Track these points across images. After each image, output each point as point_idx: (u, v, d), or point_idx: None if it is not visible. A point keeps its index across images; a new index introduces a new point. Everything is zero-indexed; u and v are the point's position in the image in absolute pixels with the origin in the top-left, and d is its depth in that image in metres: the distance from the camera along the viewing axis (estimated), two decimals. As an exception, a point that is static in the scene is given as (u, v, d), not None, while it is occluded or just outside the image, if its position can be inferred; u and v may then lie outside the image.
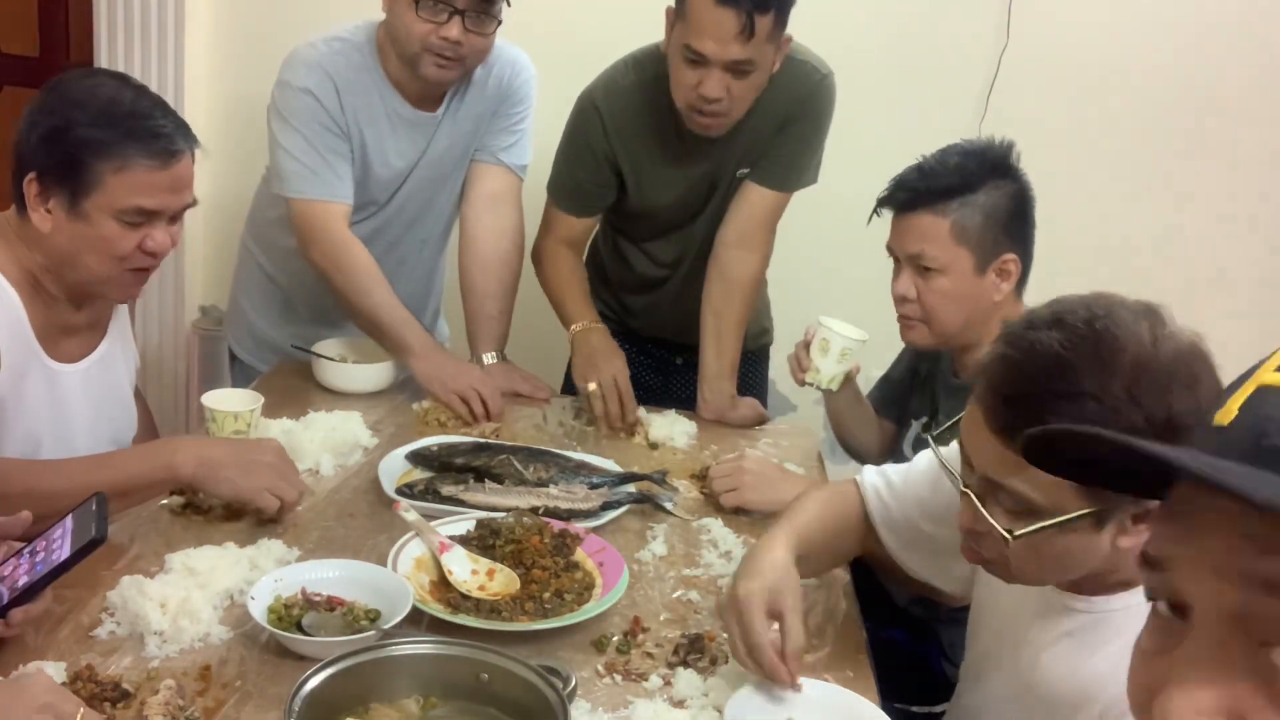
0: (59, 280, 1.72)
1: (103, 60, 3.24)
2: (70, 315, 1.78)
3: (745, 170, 2.38)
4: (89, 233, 1.66)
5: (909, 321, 2.02)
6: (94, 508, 1.40)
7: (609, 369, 2.30)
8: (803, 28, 2.22)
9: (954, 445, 1.44)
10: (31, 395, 1.72)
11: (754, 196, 2.40)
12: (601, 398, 2.28)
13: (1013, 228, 1.94)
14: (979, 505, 1.28)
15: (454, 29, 2.17)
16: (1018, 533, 1.24)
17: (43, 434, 1.74)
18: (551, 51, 2.50)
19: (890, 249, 2.03)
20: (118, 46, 3.22)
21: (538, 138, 2.50)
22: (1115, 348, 1.17)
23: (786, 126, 2.34)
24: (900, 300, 2.01)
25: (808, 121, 2.35)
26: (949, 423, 1.47)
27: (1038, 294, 2.07)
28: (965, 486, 1.31)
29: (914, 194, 1.95)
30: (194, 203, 1.76)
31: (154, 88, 3.15)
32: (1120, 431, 0.98)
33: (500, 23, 2.25)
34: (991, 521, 1.26)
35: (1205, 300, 3.25)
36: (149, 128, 1.65)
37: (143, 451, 1.77)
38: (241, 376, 2.45)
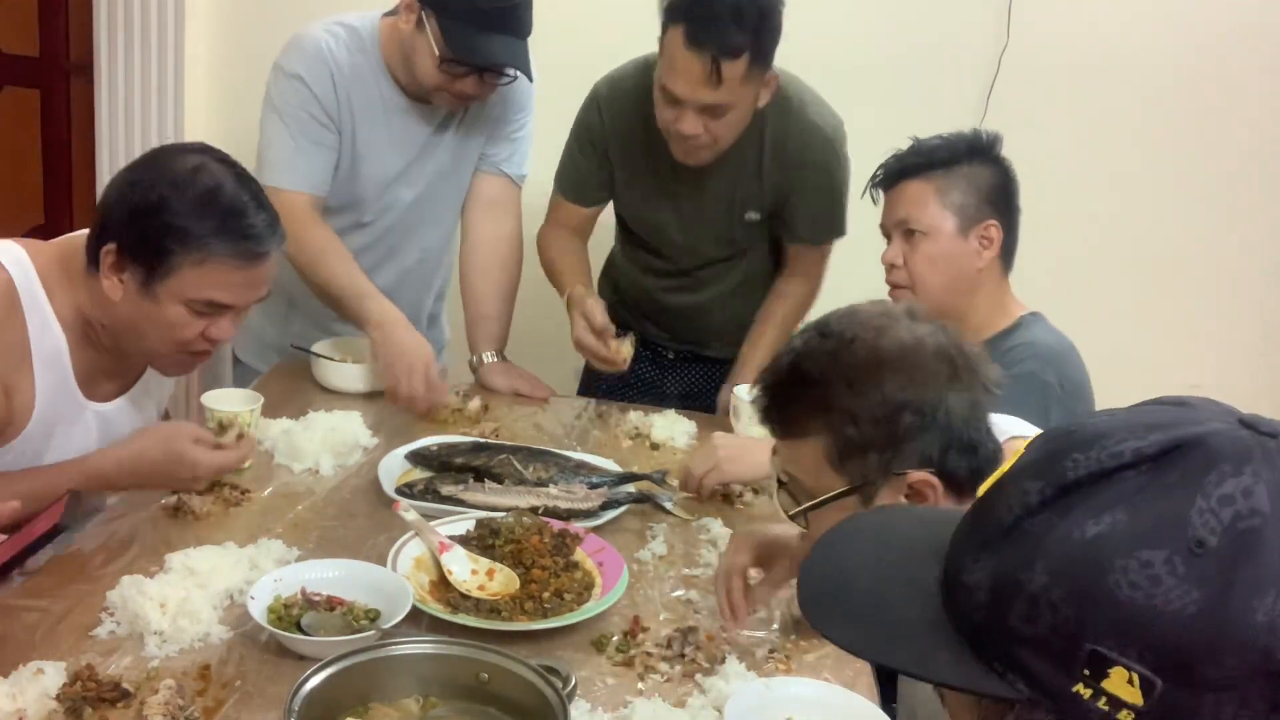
0: (113, 339, 1.71)
1: (103, 61, 3.24)
2: (114, 360, 1.77)
3: (754, 215, 2.39)
4: (155, 313, 1.64)
5: (897, 290, 2.06)
6: (66, 499, 1.43)
7: (576, 314, 2.31)
8: (804, 28, 2.22)
9: None
10: (60, 433, 1.72)
11: (794, 251, 2.47)
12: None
13: (995, 199, 2.01)
14: (775, 494, 1.43)
15: (469, 85, 2.20)
16: (791, 513, 1.39)
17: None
18: (553, 55, 2.49)
19: (883, 227, 2.09)
20: (118, 46, 3.22)
21: (543, 138, 2.51)
22: (843, 341, 1.33)
23: (799, 189, 2.36)
24: (889, 268, 2.07)
25: (821, 179, 2.36)
26: None
27: (1036, 291, 2.09)
28: (778, 478, 1.44)
29: (902, 165, 2.04)
30: (266, 296, 1.74)
31: (154, 89, 3.22)
32: (840, 415, 1.26)
33: (516, 77, 2.26)
34: (777, 504, 1.42)
35: (1205, 297, 3.25)
36: (240, 227, 1.63)
37: (64, 464, 1.70)
38: (243, 378, 2.43)
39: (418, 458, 2.01)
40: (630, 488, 2.00)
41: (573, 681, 1.35)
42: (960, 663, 0.67)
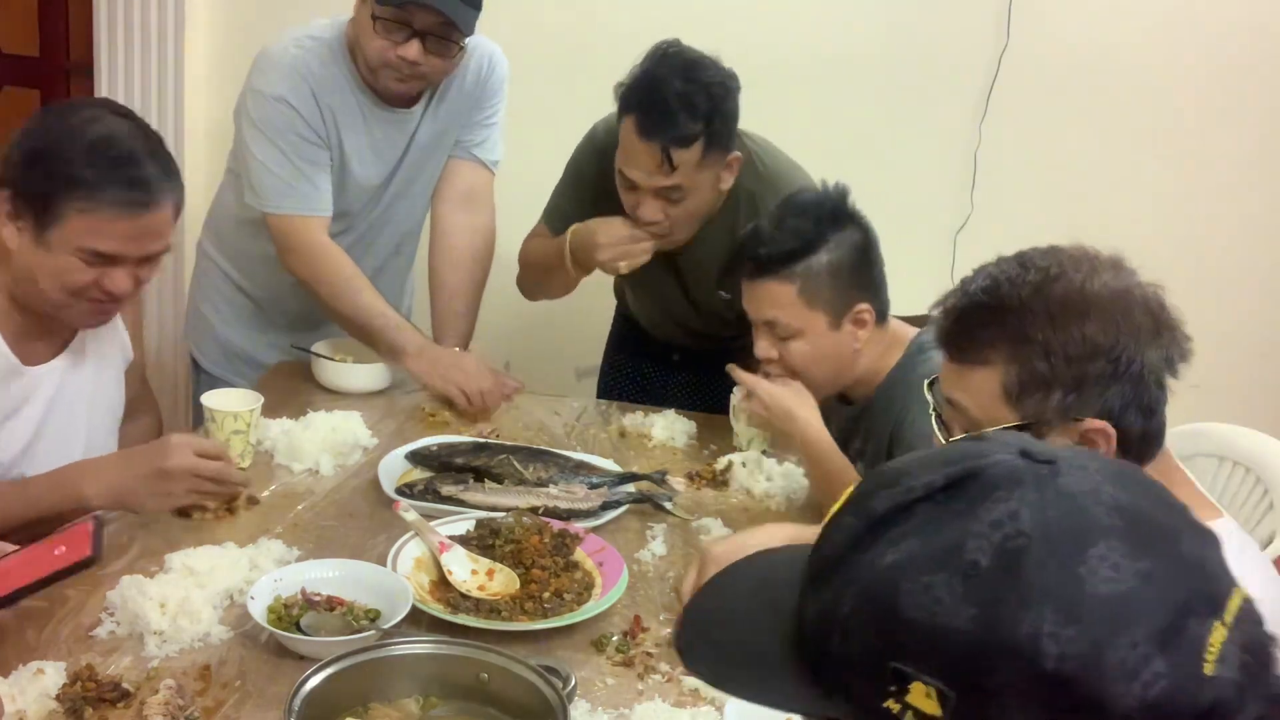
0: (20, 294, 1.71)
1: (103, 61, 3.24)
2: (40, 321, 1.76)
3: (725, 295, 2.34)
4: (48, 260, 1.64)
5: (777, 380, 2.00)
6: (91, 528, 1.42)
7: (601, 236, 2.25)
8: (803, 29, 2.23)
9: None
10: (8, 401, 1.72)
11: None
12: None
13: (860, 277, 1.94)
14: (936, 424, 1.39)
15: (412, 50, 2.15)
16: (950, 441, 1.35)
17: (30, 435, 1.75)
18: (536, 55, 2.50)
19: (747, 310, 2.01)
20: (118, 47, 3.22)
21: (531, 138, 2.51)
22: (1048, 276, 1.29)
23: None
24: (765, 362, 2.00)
25: None
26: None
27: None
28: (934, 410, 1.41)
29: (757, 262, 1.95)
30: (165, 250, 1.71)
31: (154, 89, 3.21)
32: (1033, 347, 1.25)
33: (464, 49, 2.23)
34: (937, 433, 1.37)
35: (1204, 299, 3.25)
36: (128, 175, 1.61)
37: (53, 481, 1.69)
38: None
39: (418, 458, 2.01)
40: (630, 488, 2.00)
41: (573, 681, 1.35)
42: (800, 688, 0.73)
